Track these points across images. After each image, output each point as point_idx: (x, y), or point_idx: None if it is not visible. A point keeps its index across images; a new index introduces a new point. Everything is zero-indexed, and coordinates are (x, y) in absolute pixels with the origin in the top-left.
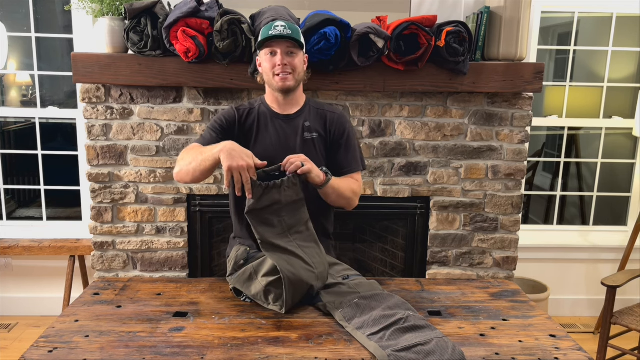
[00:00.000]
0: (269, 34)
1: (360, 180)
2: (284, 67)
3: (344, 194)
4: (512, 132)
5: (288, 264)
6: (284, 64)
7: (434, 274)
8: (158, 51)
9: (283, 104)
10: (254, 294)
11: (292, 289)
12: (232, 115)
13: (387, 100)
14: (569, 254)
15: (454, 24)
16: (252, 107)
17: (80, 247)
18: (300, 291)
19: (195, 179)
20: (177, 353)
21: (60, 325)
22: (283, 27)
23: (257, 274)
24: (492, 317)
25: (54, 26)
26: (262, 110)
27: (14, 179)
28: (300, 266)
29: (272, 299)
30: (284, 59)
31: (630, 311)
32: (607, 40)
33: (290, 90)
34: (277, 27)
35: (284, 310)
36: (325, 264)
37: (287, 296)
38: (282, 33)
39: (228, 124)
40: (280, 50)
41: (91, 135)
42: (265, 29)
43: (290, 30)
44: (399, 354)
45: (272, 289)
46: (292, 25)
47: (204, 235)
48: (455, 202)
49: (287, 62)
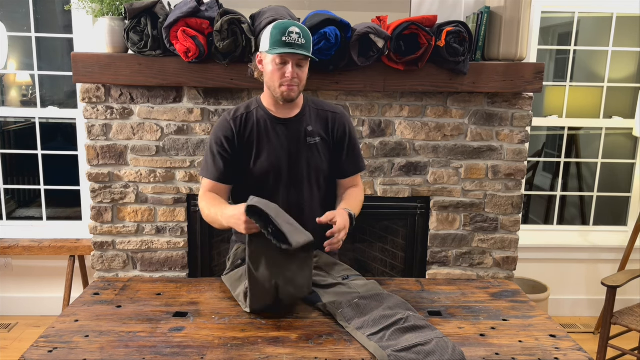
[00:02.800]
0: (282, 42)
1: (361, 183)
2: (293, 80)
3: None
4: (512, 132)
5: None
6: (293, 77)
7: (434, 274)
8: (158, 51)
9: (282, 107)
10: (236, 293)
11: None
12: (229, 129)
13: (387, 100)
14: (569, 254)
15: (454, 24)
16: (248, 111)
17: (80, 247)
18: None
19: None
20: (177, 353)
21: (60, 325)
22: (298, 35)
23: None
24: (492, 317)
25: (54, 26)
26: (261, 115)
27: (14, 179)
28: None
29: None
30: (294, 72)
31: (630, 311)
32: (607, 40)
33: (293, 100)
34: (292, 34)
35: (248, 309)
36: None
37: (250, 293)
38: (296, 42)
39: (228, 142)
40: (292, 62)
41: (91, 135)
42: (277, 32)
43: (305, 39)
44: (399, 354)
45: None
46: (306, 33)
47: (204, 235)
48: (456, 202)
49: (297, 75)
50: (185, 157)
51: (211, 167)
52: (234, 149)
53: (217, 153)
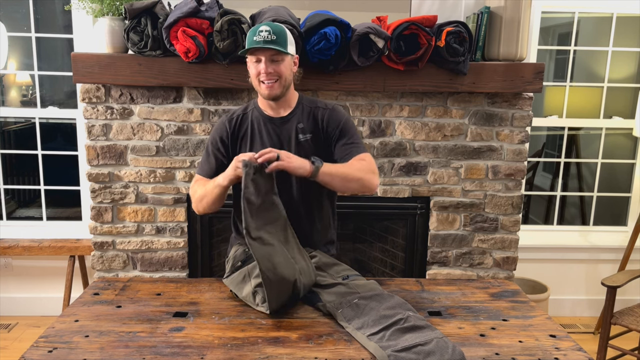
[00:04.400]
0: (253, 41)
1: (369, 159)
2: (268, 75)
3: (349, 176)
4: (512, 132)
5: (269, 261)
6: (268, 72)
7: (434, 274)
8: (158, 51)
9: (275, 107)
10: (244, 295)
11: (275, 288)
12: (224, 130)
13: (387, 100)
14: (569, 254)
15: (454, 24)
16: (245, 112)
17: (80, 247)
18: (285, 290)
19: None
20: (177, 353)
21: (60, 325)
22: (267, 32)
23: (250, 276)
24: (492, 317)
25: (54, 26)
26: (255, 115)
27: (14, 179)
28: (280, 262)
29: (260, 300)
30: (268, 68)
31: (630, 311)
32: (607, 40)
33: (278, 97)
34: (262, 32)
35: (269, 311)
36: (305, 259)
37: (270, 296)
38: (265, 39)
39: (222, 143)
40: (265, 58)
41: (91, 135)
42: (250, 34)
43: (276, 35)
44: (399, 354)
45: (260, 289)
46: (277, 29)
47: (204, 235)
48: (455, 202)
49: (272, 70)
50: (185, 157)
51: (205, 165)
52: (227, 149)
53: (211, 152)
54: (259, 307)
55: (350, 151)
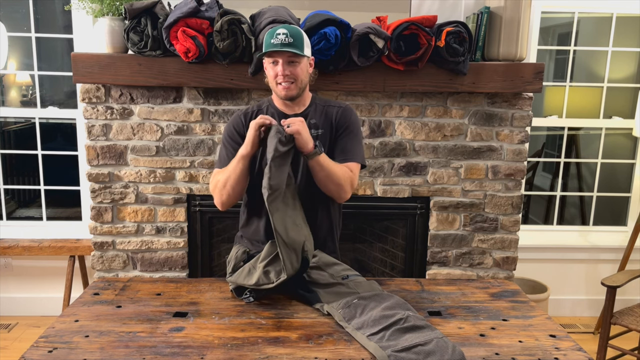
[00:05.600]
0: (270, 44)
1: (356, 173)
2: (285, 77)
3: (333, 177)
4: (512, 132)
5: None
6: (285, 74)
7: (434, 274)
8: (158, 51)
9: (290, 105)
10: (255, 281)
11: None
12: (239, 123)
13: (387, 100)
14: (569, 254)
15: (454, 24)
16: (259, 108)
17: (80, 247)
18: (296, 253)
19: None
20: (177, 353)
21: (60, 325)
22: (285, 35)
23: (255, 265)
24: (492, 317)
25: (54, 26)
26: (270, 111)
27: (14, 179)
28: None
29: (274, 275)
30: (285, 70)
31: (630, 311)
32: (607, 40)
33: (294, 98)
34: (279, 35)
35: (285, 275)
36: (307, 227)
37: (285, 259)
38: (282, 42)
39: (238, 133)
40: (282, 60)
41: (91, 135)
42: (267, 36)
43: (293, 37)
44: (399, 354)
45: (270, 268)
46: (294, 32)
47: (204, 235)
48: (455, 202)
49: (289, 72)
50: (185, 157)
51: (222, 158)
52: (242, 138)
53: (228, 144)
54: (275, 283)
55: (347, 154)
